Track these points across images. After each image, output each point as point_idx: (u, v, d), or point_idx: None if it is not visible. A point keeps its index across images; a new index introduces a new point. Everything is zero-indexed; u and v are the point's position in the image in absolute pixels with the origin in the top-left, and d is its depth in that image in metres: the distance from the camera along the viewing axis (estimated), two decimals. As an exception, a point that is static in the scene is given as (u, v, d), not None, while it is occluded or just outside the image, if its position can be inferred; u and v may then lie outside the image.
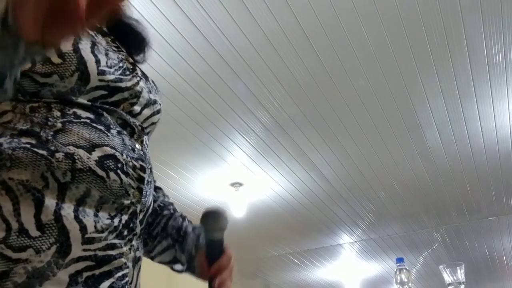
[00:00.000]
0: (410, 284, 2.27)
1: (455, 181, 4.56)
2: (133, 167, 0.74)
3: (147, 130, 0.85)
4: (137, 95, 0.80)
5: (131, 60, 0.85)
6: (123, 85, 0.77)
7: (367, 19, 2.68)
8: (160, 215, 0.95)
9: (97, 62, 0.74)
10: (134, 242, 0.74)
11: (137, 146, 0.78)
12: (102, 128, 0.72)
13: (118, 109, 0.77)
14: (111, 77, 0.76)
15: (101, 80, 0.74)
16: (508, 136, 3.91)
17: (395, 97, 3.35)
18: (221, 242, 0.91)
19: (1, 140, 0.65)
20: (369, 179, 4.44)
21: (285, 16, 2.63)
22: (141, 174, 0.76)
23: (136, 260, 0.75)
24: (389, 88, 3.26)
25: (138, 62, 0.93)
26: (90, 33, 0.76)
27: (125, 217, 0.72)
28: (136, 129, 0.80)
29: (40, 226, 0.62)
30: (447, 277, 2.06)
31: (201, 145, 3.74)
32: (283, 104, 3.36)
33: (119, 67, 0.79)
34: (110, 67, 0.76)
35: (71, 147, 0.67)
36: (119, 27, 0.88)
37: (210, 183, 4.29)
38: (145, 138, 0.82)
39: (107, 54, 0.77)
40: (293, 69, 3.03)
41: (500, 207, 5.17)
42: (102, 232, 0.68)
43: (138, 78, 0.83)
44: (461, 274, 2.05)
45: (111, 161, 0.70)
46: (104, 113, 0.74)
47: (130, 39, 0.90)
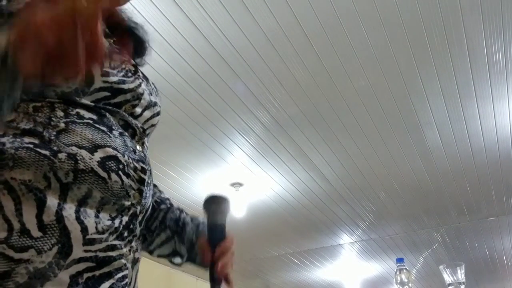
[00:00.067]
0: (410, 284, 2.27)
1: (455, 181, 4.56)
2: (134, 169, 0.74)
3: (147, 132, 0.85)
4: (138, 97, 0.81)
5: (133, 62, 0.85)
6: (125, 87, 0.78)
7: (367, 20, 2.68)
8: (158, 210, 0.95)
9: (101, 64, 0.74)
10: (134, 244, 0.74)
11: (138, 148, 0.78)
12: (104, 129, 0.72)
13: (120, 110, 0.77)
14: (115, 78, 0.76)
15: (104, 82, 0.74)
16: (508, 136, 3.91)
17: (395, 97, 3.35)
18: (223, 226, 0.92)
19: (3, 139, 0.65)
20: (369, 179, 4.44)
21: (285, 17, 2.63)
22: (142, 175, 0.76)
23: (135, 262, 0.75)
24: (389, 88, 3.26)
25: (138, 65, 0.93)
26: None
27: (125, 218, 0.72)
28: (137, 130, 0.80)
29: (42, 226, 0.62)
30: (447, 277, 2.06)
31: (201, 145, 3.74)
32: (283, 104, 3.36)
33: (122, 68, 0.79)
34: (113, 68, 0.76)
35: (73, 148, 0.67)
36: (120, 29, 0.88)
37: (210, 183, 4.29)
38: (145, 140, 0.82)
39: (110, 56, 0.77)
40: (293, 69, 3.03)
41: (500, 207, 5.17)
42: (103, 233, 0.68)
43: (140, 80, 0.83)
44: (461, 274, 2.05)
45: (112, 162, 0.70)
46: (107, 114, 0.74)
47: (128, 41, 0.90)
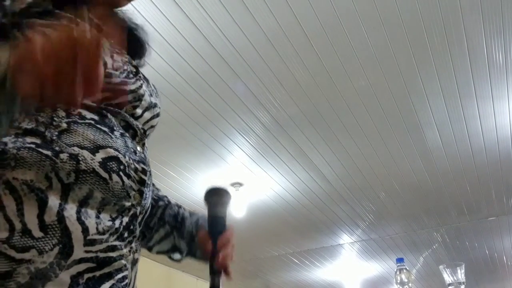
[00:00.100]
0: (410, 284, 2.27)
1: (455, 181, 4.56)
2: (135, 170, 0.74)
3: (147, 133, 0.85)
4: (139, 98, 0.81)
5: (133, 62, 0.85)
6: (126, 88, 0.78)
7: (367, 20, 2.68)
8: (156, 207, 0.95)
9: (104, 64, 0.73)
10: (133, 244, 0.74)
11: (139, 149, 0.78)
12: (106, 129, 0.72)
13: (121, 111, 0.77)
14: (117, 80, 0.76)
15: (108, 83, 0.74)
16: (508, 135, 3.91)
17: (395, 97, 3.35)
18: (224, 218, 0.93)
19: (5, 139, 0.65)
20: (369, 179, 4.44)
21: (285, 17, 2.63)
22: (143, 176, 0.76)
23: (134, 262, 0.76)
24: (389, 88, 3.26)
25: (138, 66, 0.93)
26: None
27: (125, 219, 0.72)
28: (138, 131, 0.80)
29: (43, 226, 0.62)
30: (447, 277, 2.06)
31: (201, 145, 3.74)
32: (283, 104, 3.36)
33: (124, 69, 0.79)
34: (116, 69, 0.77)
35: (75, 148, 0.67)
36: (121, 30, 0.88)
37: (210, 183, 4.29)
38: (146, 141, 0.82)
39: (112, 57, 0.77)
40: (293, 69, 3.03)
41: (500, 207, 5.17)
42: (104, 234, 0.68)
43: (141, 82, 0.83)
44: (461, 274, 2.05)
45: (114, 163, 0.70)
46: (108, 115, 0.75)
47: (130, 43, 0.90)
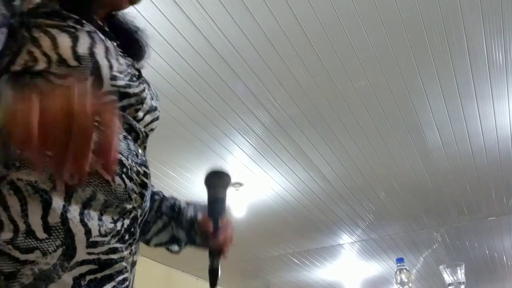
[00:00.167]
0: (410, 284, 2.27)
1: (455, 181, 4.56)
2: (137, 173, 0.75)
3: (148, 136, 0.85)
4: (142, 101, 0.81)
5: (136, 65, 0.86)
6: (131, 91, 0.78)
7: (367, 20, 2.67)
8: (152, 201, 0.96)
9: (110, 67, 0.74)
10: (133, 246, 0.75)
11: (140, 152, 0.79)
12: None
13: (125, 114, 0.78)
14: (122, 82, 0.76)
15: (112, 86, 0.74)
16: (509, 135, 3.91)
17: (395, 97, 3.35)
18: (224, 200, 0.95)
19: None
20: (369, 179, 4.44)
21: (285, 17, 2.63)
22: (144, 179, 0.76)
23: (133, 264, 0.76)
24: (389, 88, 3.26)
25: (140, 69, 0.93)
26: (101, 36, 0.76)
27: (127, 222, 0.73)
28: (140, 134, 0.80)
29: (47, 228, 0.62)
30: (447, 277, 2.06)
31: (201, 145, 3.74)
32: (283, 104, 3.36)
33: (128, 72, 0.79)
34: (121, 72, 0.77)
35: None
36: (120, 32, 0.88)
37: (210, 183, 4.29)
38: (147, 144, 0.83)
39: (117, 60, 0.77)
40: (293, 69, 3.03)
41: (500, 207, 5.17)
42: (106, 236, 0.68)
43: (144, 85, 0.83)
44: (461, 274, 2.05)
45: (117, 165, 0.71)
46: None
47: (130, 45, 0.90)
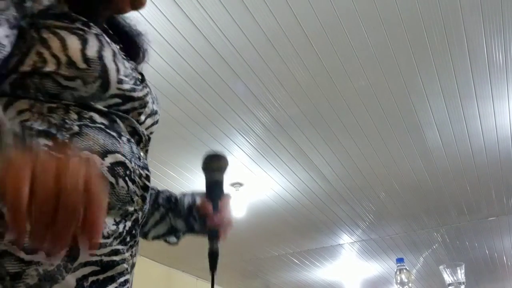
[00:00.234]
0: (410, 285, 2.27)
1: (455, 181, 4.56)
2: (139, 175, 0.76)
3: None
4: (145, 105, 0.82)
5: (139, 69, 0.87)
6: (135, 94, 0.79)
7: (368, 20, 2.68)
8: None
9: (117, 70, 0.75)
10: (134, 248, 0.76)
11: (142, 155, 0.80)
12: (114, 134, 0.73)
13: (129, 117, 0.78)
14: (127, 86, 0.77)
15: (119, 89, 0.75)
16: (509, 135, 3.91)
17: (395, 97, 3.35)
18: (222, 183, 0.96)
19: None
20: (369, 179, 4.44)
21: (285, 17, 2.63)
22: (146, 182, 0.77)
23: (133, 266, 0.77)
24: (389, 88, 3.26)
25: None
26: (107, 39, 0.77)
27: (128, 224, 0.73)
28: (143, 138, 0.81)
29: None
30: (447, 277, 2.06)
31: (201, 145, 3.74)
32: (283, 104, 3.36)
33: (133, 76, 0.80)
34: (126, 76, 0.78)
35: (86, 152, 0.68)
36: (121, 35, 0.89)
37: (210, 183, 4.29)
38: (148, 148, 0.84)
39: (123, 63, 0.78)
40: (293, 69, 3.03)
41: (500, 207, 5.17)
42: (108, 238, 0.69)
43: (148, 89, 0.84)
44: (461, 274, 2.05)
45: (121, 168, 0.71)
46: (117, 120, 0.75)
47: (130, 48, 0.91)
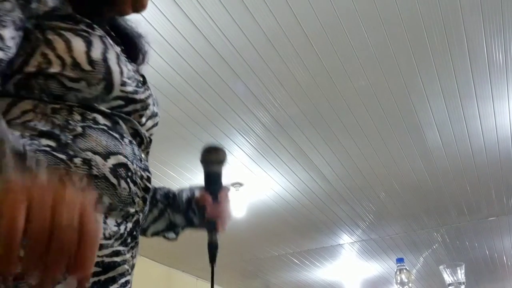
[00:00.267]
0: (410, 285, 2.27)
1: (455, 181, 4.56)
2: (141, 177, 0.76)
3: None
4: (147, 107, 0.83)
5: (140, 72, 0.87)
6: (137, 97, 0.79)
7: (368, 20, 2.67)
8: None
9: (121, 73, 0.75)
10: (134, 250, 0.76)
11: (143, 157, 0.80)
12: (117, 136, 0.74)
13: (131, 119, 0.79)
14: (130, 88, 0.78)
15: (122, 91, 0.76)
16: (509, 135, 3.91)
17: (395, 97, 3.35)
18: (220, 175, 0.97)
19: (21, 141, 0.64)
20: (369, 179, 4.44)
21: (285, 17, 2.63)
22: (147, 184, 0.78)
23: (133, 267, 0.77)
24: (389, 88, 3.26)
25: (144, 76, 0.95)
26: (110, 41, 0.77)
27: (129, 225, 0.74)
28: (145, 140, 0.82)
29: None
30: (448, 278, 2.06)
31: (201, 145, 3.69)
32: (283, 104, 3.36)
33: (135, 79, 0.81)
34: (129, 78, 0.78)
35: (88, 153, 0.68)
36: (121, 37, 0.89)
37: (210, 183, 4.29)
38: (149, 150, 0.85)
39: (126, 65, 0.79)
40: (293, 69, 3.03)
41: (500, 207, 5.17)
42: (110, 239, 0.69)
43: (149, 91, 0.85)
44: (461, 275, 2.05)
45: (123, 169, 0.72)
46: (120, 122, 0.76)
47: (130, 50, 0.91)
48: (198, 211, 0.96)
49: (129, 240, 0.73)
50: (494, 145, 4.03)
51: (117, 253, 0.70)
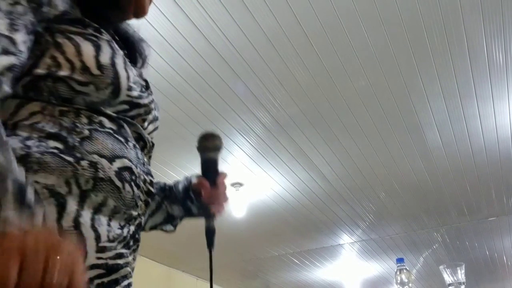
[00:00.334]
0: (410, 285, 2.27)
1: (455, 181, 4.56)
2: (144, 181, 0.77)
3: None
4: (150, 112, 0.83)
5: (144, 76, 0.88)
6: (142, 101, 0.80)
7: (368, 20, 2.67)
8: None
9: (128, 77, 0.76)
10: (135, 253, 0.77)
11: (146, 160, 0.81)
12: (122, 140, 0.74)
13: (135, 122, 0.80)
14: (135, 93, 0.79)
15: (128, 96, 0.77)
16: (509, 135, 3.91)
17: (395, 97, 3.35)
18: (217, 161, 0.98)
19: (29, 143, 0.66)
20: (369, 179, 4.44)
21: (285, 16, 2.62)
22: (150, 188, 0.79)
23: (133, 269, 0.78)
24: (389, 88, 3.26)
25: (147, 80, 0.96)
26: (116, 46, 0.78)
27: (132, 228, 0.75)
28: (148, 144, 0.83)
29: (61, 231, 0.63)
30: (448, 278, 2.06)
31: (201, 145, 3.74)
32: (283, 104, 3.36)
33: (139, 83, 0.82)
34: (135, 83, 0.79)
35: (95, 156, 0.69)
36: (123, 41, 0.90)
37: (210, 183, 4.29)
38: (152, 154, 0.86)
39: (132, 70, 0.80)
40: (293, 69, 3.03)
41: (500, 207, 5.17)
42: (113, 241, 0.70)
43: (152, 96, 0.86)
44: (461, 275, 2.05)
45: (127, 173, 0.73)
46: (125, 125, 0.77)
47: (130, 54, 0.91)
48: (195, 197, 0.97)
49: (131, 243, 0.74)
50: (494, 145, 4.03)
51: (120, 256, 0.70)
